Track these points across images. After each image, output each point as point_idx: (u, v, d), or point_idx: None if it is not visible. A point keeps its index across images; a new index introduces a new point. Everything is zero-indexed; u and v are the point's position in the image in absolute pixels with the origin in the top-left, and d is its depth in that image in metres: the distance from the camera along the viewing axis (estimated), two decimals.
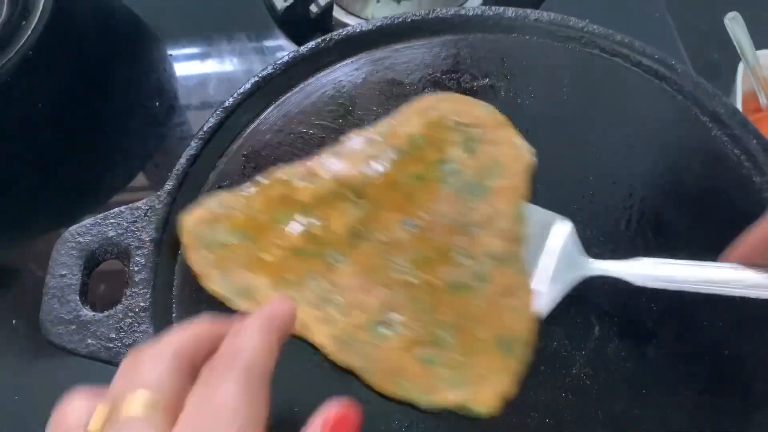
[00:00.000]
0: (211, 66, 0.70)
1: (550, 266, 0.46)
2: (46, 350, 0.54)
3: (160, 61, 0.70)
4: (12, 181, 0.63)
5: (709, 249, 0.49)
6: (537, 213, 0.49)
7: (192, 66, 0.70)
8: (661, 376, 0.45)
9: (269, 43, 0.70)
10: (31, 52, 0.64)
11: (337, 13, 0.69)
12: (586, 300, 0.47)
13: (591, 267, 0.46)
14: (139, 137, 0.65)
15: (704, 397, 0.44)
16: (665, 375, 0.45)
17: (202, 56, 0.70)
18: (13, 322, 0.56)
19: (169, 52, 0.71)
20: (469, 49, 0.58)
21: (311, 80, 0.57)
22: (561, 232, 0.47)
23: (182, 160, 0.52)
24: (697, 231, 0.50)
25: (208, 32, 0.71)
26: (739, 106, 0.69)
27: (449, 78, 0.57)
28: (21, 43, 0.64)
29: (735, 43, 0.72)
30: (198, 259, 0.47)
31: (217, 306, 0.48)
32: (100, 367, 0.51)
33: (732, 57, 0.72)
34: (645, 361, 0.45)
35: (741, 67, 0.73)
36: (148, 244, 0.49)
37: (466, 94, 0.56)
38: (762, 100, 0.74)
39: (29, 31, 0.65)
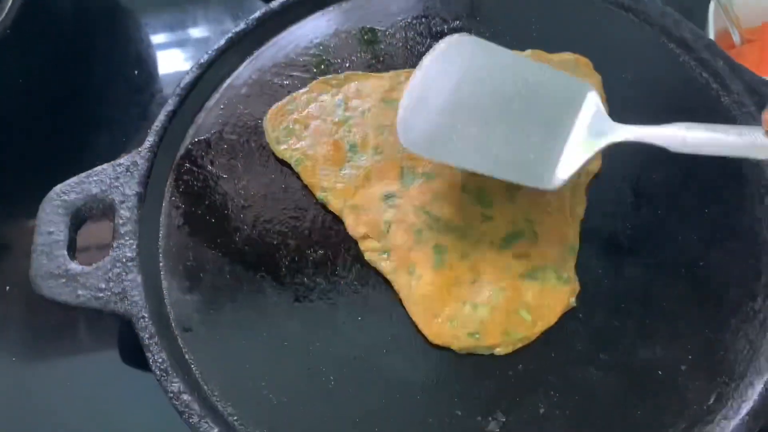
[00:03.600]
0: (187, 31, 0.70)
1: (576, 130, 0.44)
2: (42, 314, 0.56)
3: (136, 31, 0.71)
4: None
5: (681, 167, 0.50)
6: (558, 78, 0.46)
7: (169, 33, 0.71)
8: (639, 291, 0.46)
9: (244, 7, 0.71)
10: (8, 31, 0.65)
11: None
12: None
13: (619, 132, 0.43)
14: (120, 105, 0.65)
15: (682, 308, 0.45)
16: (643, 289, 0.46)
17: (178, 25, 0.71)
18: (7, 288, 0.57)
19: (146, 21, 0.71)
20: None
21: (284, 34, 0.58)
22: (586, 96, 0.45)
23: (161, 117, 0.53)
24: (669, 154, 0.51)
25: (182, 1, 0.72)
26: None
27: (420, 22, 0.57)
28: None
29: None
30: None
31: (203, 254, 0.49)
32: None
33: None
34: (623, 278, 0.46)
35: (713, 5, 0.73)
36: (132, 197, 0.50)
37: (437, 37, 0.57)
38: (735, 37, 0.74)
39: (5, 11, 0.65)
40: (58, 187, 0.51)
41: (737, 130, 0.41)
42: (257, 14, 0.58)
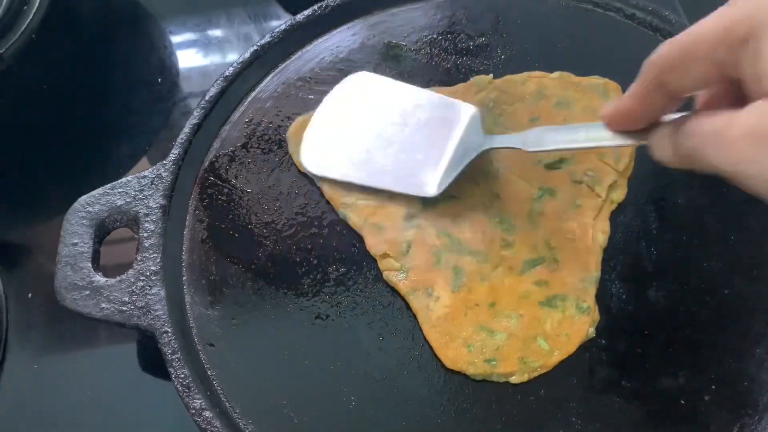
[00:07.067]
0: (211, 41, 0.71)
1: (455, 146, 0.49)
2: (63, 322, 0.56)
3: (160, 39, 0.71)
4: (21, 162, 0.64)
5: (706, 193, 0.50)
6: (444, 103, 0.52)
7: (193, 43, 0.71)
8: (662, 318, 0.45)
9: (267, 15, 0.71)
10: (34, 36, 0.65)
11: None
12: None
13: (487, 142, 0.48)
14: (143, 114, 0.65)
15: (705, 336, 0.45)
16: (666, 316, 0.45)
17: (201, 33, 0.71)
18: (29, 295, 0.57)
19: (169, 29, 0.71)
20: (464, 10, 0.59)
21: (309, 47, 0.58)
22: (469, 116, 0.50)
23: (186, 129, 0.53)
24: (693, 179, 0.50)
25: (206, 9, 0.72)
26: None
27: (445, 38, 0.57)
28: (24, 28, 0.65)
29: None
30: None
31: (226, 268, 0.49)
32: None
33: None
34: (646, 302, 0.46)
35: None
36: (156, 210, 0.50)
37: (462, 53, 0.56)
38: None
39: (31, 15, 0.66)
40: (82, 198, 0.51)
41: (584, 128, 0.41)
42: (282, 27, 0.58)
